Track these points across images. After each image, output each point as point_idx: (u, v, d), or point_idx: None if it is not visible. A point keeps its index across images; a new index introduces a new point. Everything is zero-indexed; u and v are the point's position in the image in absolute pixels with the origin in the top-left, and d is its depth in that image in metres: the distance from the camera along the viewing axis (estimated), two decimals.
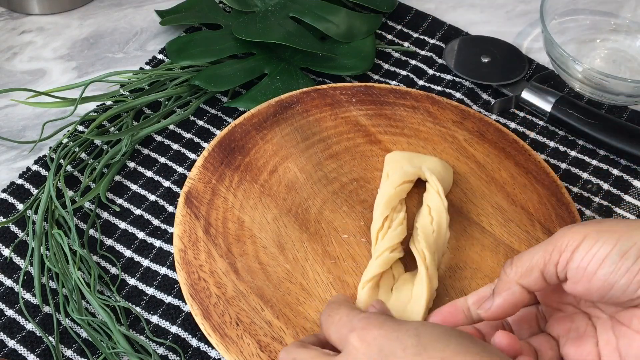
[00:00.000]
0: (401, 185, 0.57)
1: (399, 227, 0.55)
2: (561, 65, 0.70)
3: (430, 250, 0.53)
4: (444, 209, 0.56)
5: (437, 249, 0.54)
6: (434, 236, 0.54)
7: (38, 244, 0.59)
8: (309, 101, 0.67)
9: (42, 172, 0.64)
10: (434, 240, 0.54)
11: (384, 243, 0.54)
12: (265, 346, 0.52)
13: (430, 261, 0.52)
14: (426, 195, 0.58)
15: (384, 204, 0.56)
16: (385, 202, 0.56)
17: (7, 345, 0.55)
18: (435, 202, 0.56)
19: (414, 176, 0.58)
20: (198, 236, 0.57)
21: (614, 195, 0.65)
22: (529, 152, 0.64)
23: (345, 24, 0.76)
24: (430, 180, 0.58)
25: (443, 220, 0.55)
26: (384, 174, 0.59)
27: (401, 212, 0.56)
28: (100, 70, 0.74)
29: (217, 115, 0.70)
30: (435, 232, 0.54)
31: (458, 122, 0.66)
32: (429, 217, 0.55)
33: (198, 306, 0.53)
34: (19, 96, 0.70)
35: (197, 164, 0.61)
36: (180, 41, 0.74)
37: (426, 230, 0.54)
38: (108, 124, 0.68)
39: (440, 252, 0.54)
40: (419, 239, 0.54)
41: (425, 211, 0.56)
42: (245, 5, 0.77)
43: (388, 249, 0.53)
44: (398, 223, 0.55)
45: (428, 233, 0.54)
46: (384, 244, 0.54)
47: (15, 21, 0.79)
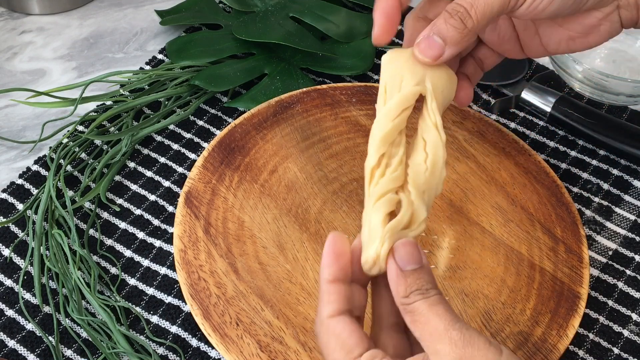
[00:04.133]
0: (400, 116, 0.48)
1: (400, 168, 0.47)
2: (561, 65, 0.70)
3: (419, 189, 0.46)
4: (441, 145, 0.47)
5: (427, 187, 0.47)
6: (425, 175, 0.47)
7: (38, 244, 0.59)
8: (309, 101, 0.67)
9: (42, 172, 0.64)
10: (424, 180, 0.46)
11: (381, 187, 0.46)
12: (265, 346, 0.52)
13: (416, 196, 0.46)
14: (422, 124, 0.48)
15: (380, 139, 0.47)
16: (381, 138, 0.47)
17: (7, 345, 0.55)
18: (432, 136, 0.48)
19: (414, 97, 0.48)
20: (198, 236, 0.57)
21: (614, 195, 0.65)
22: (529, 152, 0.64)
23: (345, 24, 0.76)
24: (430, 107, 0.48)
25: (439, 159, 0.47)
26: (381, 85, 0.50)
27: (400, 147, 0.48)
28: (100, 70, 0.74)
29: (217, 115, 0.70)
30: (428, 171, 0.47)
31: (458, 122, 0.66)
32: (423, 154, 0.47)
33: (198, 306, 0.53)
34: (19, 96, 0.70)
35: (197, 164, 0.61)
36: (180, 41, 0.74)
37: (417, 169, 0.47)
38: (108, 124, 0.68)
39: (432, 192, 0.47)
40: (408, 179, 0.46)
41: (420, 145, 0.48)
42: (245, 5, 0.77)
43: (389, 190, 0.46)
44: (398, 162, 0.47)
45: (419, 172, 0.47)
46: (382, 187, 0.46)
47: (15, 21, 0.79)
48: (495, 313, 0.55)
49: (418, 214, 0.45)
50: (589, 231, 0.62)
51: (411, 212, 0.45)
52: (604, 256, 0.61)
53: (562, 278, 0.56)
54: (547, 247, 0.58)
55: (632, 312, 0.58)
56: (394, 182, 0.46)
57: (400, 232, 0.44)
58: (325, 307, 0.42)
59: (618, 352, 0.56)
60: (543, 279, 0.56)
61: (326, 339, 0.41)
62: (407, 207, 0.45)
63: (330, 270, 0.42)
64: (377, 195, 0.46)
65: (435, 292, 0.41)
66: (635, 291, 0.59)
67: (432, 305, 0.40)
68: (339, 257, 0.43)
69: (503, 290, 0.56)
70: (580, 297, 0.55)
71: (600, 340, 0.56)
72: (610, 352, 0.56)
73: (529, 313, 0.55)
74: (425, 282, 0.41)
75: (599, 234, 0.62)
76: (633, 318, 0.58)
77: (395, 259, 0.42)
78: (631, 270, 0.60)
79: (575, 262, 0.57)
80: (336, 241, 0.43)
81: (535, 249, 0.58)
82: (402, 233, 0.44)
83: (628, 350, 0.56)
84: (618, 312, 0.58)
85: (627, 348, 0.56)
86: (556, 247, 0.58)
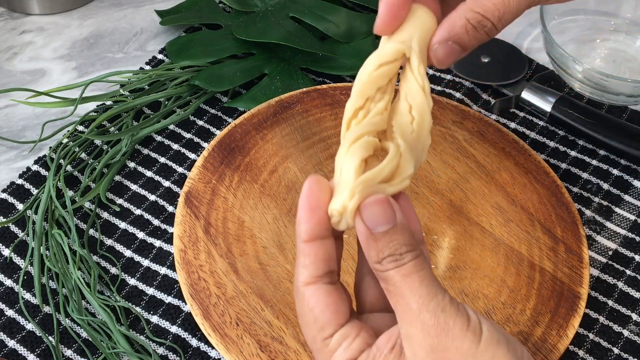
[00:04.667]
0: (377, 70, 0.43)
1: (377, 117, 0.42)
2: (561, 65, 0.70)
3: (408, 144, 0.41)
4: (428, 109, 0.43)
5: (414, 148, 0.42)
6: (412, 136, 0.42)
7: (38, 244, 0.59)
8: (309, 101, 0.67)
9: (42, 172, 0.64)
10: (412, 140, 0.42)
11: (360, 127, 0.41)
12: (265, 346, 0.52)
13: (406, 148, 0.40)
14: (405, 86, 0.43)
15: (356, 92, 0.43)
16: (357, 91, 0.43)
17: (7, 345, 0.55)
18: (418, 99, 0.43)
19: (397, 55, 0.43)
20: (198, 236, 0.57)
21: (614, 195, 0.65)
22: (529, 152, 0.64)
23: (345, 24, 0.75)
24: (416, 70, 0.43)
25: (425, 123, 0.42)
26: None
27: (381, 102, 0.43)
28: (100, 70, 0.74)
29: (217, 115, 0.70)
30: (415, 133, 0.42)
31: (458, 122, 0.66)
32: (408, 116, 0.43)
33: (198, 306, 0.53)
34: (19, 96, 0.70)
35: (197, 164, 0.61)
36: (180, 41, 0.74)
37: (404, 128, 0.42)
38: (108, 124, 0.68)
39: (417, 159, 0.42)
40: (395, 135, 0.41)
41: (404, 108, 0.43)
42: (245, 5, 0.77)
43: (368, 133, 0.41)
44: (376, 112, 0.42)
45: (406, 131, 0.42)
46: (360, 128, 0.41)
47: (15, 21, 0.79)
48: (495, 313, 0.55)
49: (404, 167, 0.40)
50: (589, 231, 0.62)
51: (396, 164, 0.39)
52: (604, 256, 0.61)
53: (562, 278, 0.56)
54: (547, 247, 0.58)
55: (632, 312, 0.58)
56: (374, 126, 0.41)
57: (377, 186, 0.38)
58: (301, 271, 0.38)
59: (618, 352, 0.56)
60: (543, 279, 0.56)
61: (300, 309, 0.38)
62: (393, 156, 0.39)
63: (305, 227, 0.38)
64: (353, 137, 0.40)
65: (411, 256, 0.37)
66: (635, 291, 0.59)
67: (406, 275, 0.36)
68: (315, 210, 0.38)
69: (503, 290, 0.56)
70: (580, 297, 0.55)
71: (600, 340, 0.56)
72: (610, 352, 0.56)
73: (529, 313, 0.55)
74: (398, 245, 0.36)
75: (599, 234, 0.62)
76: (633, 318, 0.58)
77: (363, 219, 0.37)
78: (631, 270, 0.60)
79: (575, 262, 0.57)
80: (312, 191, 0.38)
81: (535, 249, 0.58)
82: (378, 187, 0.39)
83: (628, 350, 0.56)
84: (618, 312, 0.58)
85: (627, 348, 0.56)
86: (556, 247, 0.58)
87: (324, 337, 0.38)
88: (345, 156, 0.39)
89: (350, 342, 0.38)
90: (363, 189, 0.37)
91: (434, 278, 0.37)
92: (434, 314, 0.35)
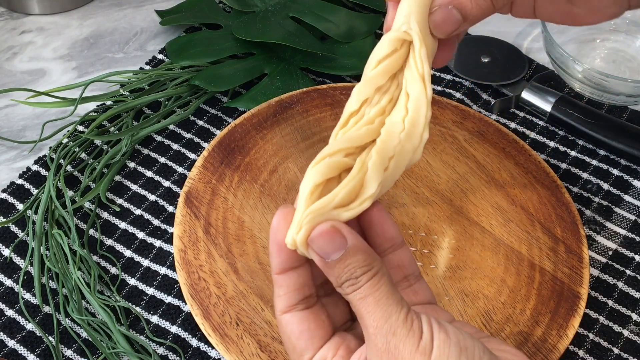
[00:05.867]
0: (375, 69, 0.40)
1: (363, 129, 0.39)
2: (561, 65, 0.70)
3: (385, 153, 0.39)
4: (425, 102, 0.39)
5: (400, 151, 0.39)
6: (400, 137, 0.39)
7: (38, 244, 0.59)
8: (309, 101, 0.67)
9: (42, 172, 0.64)
10: (397, 142, 0.39)
11: (334, 144, 0.39)
12: (265, 346, 0.52)
13: (375, 163, 0.38)
14: (408, 74, 0.40)
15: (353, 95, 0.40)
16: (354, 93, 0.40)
17: (7, 345, 0.55)
18: (416, 89, 0.39)
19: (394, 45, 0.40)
20: (198, 236, 0.57)
21: (614, 195, 0.65)
22: (529, 152, 0.64)
23: (345, 24, 0.75)
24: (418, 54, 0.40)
25: (421, 118, 0.39)
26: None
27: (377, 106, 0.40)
28: (100, 70, 0.74)
29: (217, 115, 0.70)
30: (404, 132, 0.39)
31: (458, 122, 0.66)
32: (402, 111, 0.39)
33: (198, 306, 0.53)
34: (19, 96, 0.70)
35: (197, 164, 0.61)
36: (180, 41, 0.74)
37: (392, 128, 0.39)
38: (108, 124, 0.68)
39: (405, 157, 0.39)
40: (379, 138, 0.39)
41: (402, 100, 0.40)
42: (245, 5, 0.77)
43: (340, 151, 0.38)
44: (367, 121, 0.39)
45: (393, 132, 0.39)
46: (334, 145, 0.38)
47: (15, 21, 0.79)
48: (495, 313, 0.55)
49: (367, 187, 0.38)
50: (589, 231, 0.62)
51: (357, 184, 0.38)
52: (604, 256, 0.61)
53: (562, 278, 0.56)
54: (547, 247, 0.58)
55: (632, 312, 0.58)
56: (349, 141, 0.39)
57: (330, 213, 0.37)
58: (277, 302, 0.39)
59: (618, 352, 0.56)
60: (543, 279, 0.56)
61: (282, 335, 0.39)
62: (352, 178, 0.38)
63: (275, 261, 0.38)
64: (319, 157, 0.38)
65: (367, 277, 0.36)
66: (635, 291, 0.59)
67: (362, 298, 0.36)
68: (281, 246, 0.38)
69: (503, 290, 0.56)
70: (580, 297, 0.55)
71: (600, 340, 0.56)
72: (610, 352, 0.56)
73: (529, 313, 0.55)
74: (353, 268, 0.36)
75: (599, 234, 0.62)
76: (633, 318, 0.58)
77: (314, 251, 0.37)
78: (631, 270, 0.60)
79: (575, 262, 0.57)
80: (279, 226, 0.38)
81: (535, 249, 0.58)
82: (332, 213, 0.37)
83: (628, 350, 0.56)
84: (618, 312, 0.58)
85: (627, 348, 0.56)
86: (556, 247, 0.58)
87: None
88: (304, 179, 0.38)
89: None
90: (312, 219, 0.37)
91: (391, 295, 0.37)
92: (385, 339, 0.36)
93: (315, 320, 0.39)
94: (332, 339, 0.39)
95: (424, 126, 0.39)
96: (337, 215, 0.37)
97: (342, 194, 0.37)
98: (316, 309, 0.39)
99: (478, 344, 0.37)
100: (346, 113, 0.40)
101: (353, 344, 0.39)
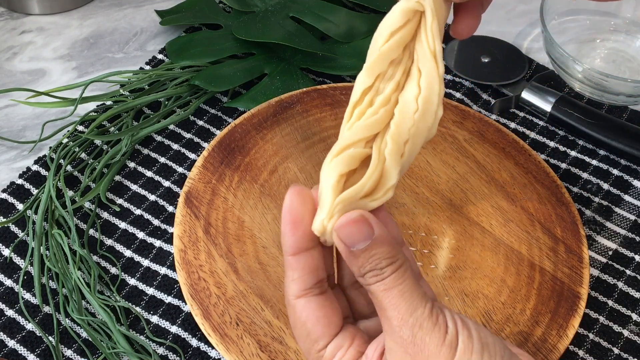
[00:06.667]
0: (387, 43, 0.39)
1: (381, 111, 0.38)
2: (561, 65, 0.70)
3: (400, 138, 0.38)
4: (437, 78, 0.38)
5: (415, 133, 0.38)
6: (414, 117, 0.38)
7: (38, 244, 0.59)
8: (309, 101, 0.67)
9: (42, 172, 0.64)
10: (412, 123, 0.38)
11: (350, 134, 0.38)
12: (265, 346, 0.52)
13: (391, 151, 0.38)
14: (419, 49, 0.39)
15: (365, 70, 0.39)
16: (367, 68, 0.39)
17: (7, 345, 0.55)
18: (428, 66, 0.38)
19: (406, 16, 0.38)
20: (198, 236, 0.57)
21: (614, 195, 0.65)
22: (529, 152, 0.64)
23: (345, 24, 0.75)
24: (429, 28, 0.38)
25: (434, 95, 0.38)
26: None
27: (391, 81, 0.39)
28: (100, 70, 0.74)
29: (217, 115, 0.70)
30: (418, 112, 0.38)
31: (458, 122, 0.66)
32: (415, 89, 0.38)
33: (198, 306, 0.53)
34: (19, 96, 0.70)
35: (197, 164, 0.61)
36: (180, 41, 0.74)
37: (406, 109, 0.38)
38: (108, 124, 0.68)
39: (421, 138, 0.39)
40: (392, 121, 0.38)
41: (414, 77, 0.39)
42: (245, 5, 0.77)
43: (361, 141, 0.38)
44: (383, 102, 0.38)
45: (407, 112, 0.38)
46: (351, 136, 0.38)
47: (15, 21, 0.79)
48: (495, 313, 0.55)
49: (387, 177, 0.38)
50: (589, 231, 0.62)
51: (379, 175, 0.38)
52: (604, 256, 0.61)
53: (562, 278, 0.56)
54: (547, 247, 0.58)
55: (632, 312, 0.58)
56: (370, 129, 0.38)
57: (358, 202, 0.37)
58: (290, 285, 0.38)
59: (618, 352, 0.56)
60: (543, 279, 0.56)
61: (293, 322, 0.39)
62: (374, 168, 0.38)
63: (289, 241, 0.37)
64: (338, 148, 0.38)
65: (392, 269, 0.36)
66: (635, 291, 0.59)
67: (387, 290, 0.36)
68: (297, 224, 0.37)
69: (503, 290, 0.56)
70: (580, 297, 0.55)
71: (600, 340, 0.56)
72: (610, 352, 0.56)
73: (529, 313, 0.55)
74: (378, 259, 0.36)
75: (599, 234, 0.62)
76: (633, 318, 0.58)
77: (340, 239, 0.36)
78: (631, 270, 0.60)
79: (575, 262, 0.57)
80: (293, 204, 0.37)
81: (535, 249, 0.58)
82: (359, 203, 0.38)
83: (628, 350, 0.56)
84: (618, 312, 0.58)
85: (627, 348, 0.56)
86: (556, 247, 0.58)
87: (318, 349, 0.38)
88: (326, 169, 0.38)
89: (343, 353, 0.38)
90: (342, 209, 0.37)
91: (415, 288, 0.37)
92: (411, 331, 0.35)
93: (331, 307, 0.38)
94: (346, 328, 0.38)
95: (437, 104, 0.38)
96: (365, 205, 0.37)
97: (367, 185, 0.37)
98: (330, 295, 0.39)
99: (499, 341, 0.37)
100: (359, 90, 0.39)
101: (366, 336, 0.39)
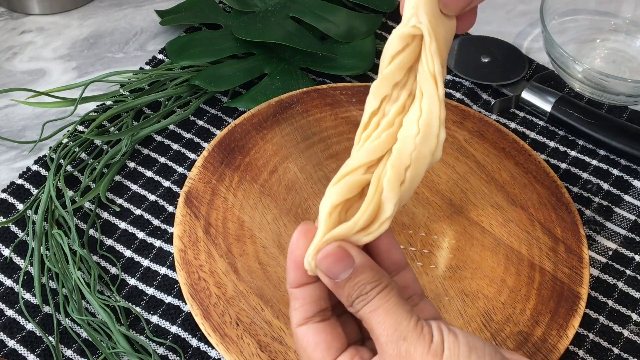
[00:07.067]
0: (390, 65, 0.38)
1: (384, 134, 0.38)
2: (561, 65, 0.70)
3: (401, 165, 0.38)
4: (437, 101, 0.38)
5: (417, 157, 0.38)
6: (415, 141, 0.37)
7: (38, 244, 0.59)
8: (309, 101, 0.67)
9: (42, 172, 0.64)
10: (413, 147, 0.38)
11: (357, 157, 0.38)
12: (265, 346, 0.52)
13: (390, 180, 0.37)
14: (421, 70, 0.38)
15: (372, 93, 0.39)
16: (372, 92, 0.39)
17: (7, 345, 0.55)
18: (429, 88, 0.38)
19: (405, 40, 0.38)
20: (198, 236, 0.57)
21: (614, 195, 0.65)
22: (529, 152, 0.64)
23: (345, 24, 0.75)
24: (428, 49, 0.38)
25: (434, 119, 0.37)
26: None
27: (396, 104, 0.39)
28: (100, 70, 0.74)
29: (217, 115, 0.70)
30: (419, 136, 0.37)
31: (458, 122, 0.66)
32: (417, 111, 0.38)
33: (198, 306, 0.53)
34: (19, 96, 0.70)
35: (197, 164, 0.61)
36: (180, 41, 0.74)
37: (408, 132, 0.38)
38: (108, 124, 0.68)
39: (424, 163, 0.38)
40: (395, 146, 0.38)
41: (417, 99, 0.38)
42: (245, 5, 0.77)
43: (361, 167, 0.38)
44: (386, 125, 0.38)
45: (409, 137, 0.38)
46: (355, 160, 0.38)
47: (15, 21, 0.79)
48: (495, 313, 0.55)
49: (384, 209, 0.38)
50: (589, 231, 0.62)
51: (375, 207, 0.38)
52: (604, 256, 0.61)
53: (562, 278, 0.56)
54: (547, 247, 0.58)
55: (632, 312, 0.58)
56: (371, 153, 0.38)
57: (351, 238, 0.38)
58: (293, 314, 0.40)
59: (618, 352, 0.56)
60: (543, 279, 0.56)
61: (297, 349, 0.41)
62: (369, 202, 0.37)
63: (291, 276, 0.40)
64: (340, 174, 0.38)
65: (376, 291, 0.38)
66: (635, 291, 0.59)
67: (373, 311, 0.37)
68: (298, 264, 0.39)
69: (503, 290, 0.56)
70: (580, 297, 0.55)
71: (600, 340, 0.56)
72: (610, 352, 0.56)
73: (529, 313, 0.55)
74: (362, 285, 0.38)
75: (599, 234, 0.62)
76: (633, 318, 0.58)
77: (323, 273, 0.38)
78: (631, 270, 0.60)
79: (575, 262, 0.57)
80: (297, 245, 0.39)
81: (535, 249, 0.58)
82: (352, 239, 0.38)
83: (628, 350, 0.56)
84: (618, 312, 0.58)
85: (627, 348, 0.56)
86: (556, 247, 0.58)
87: None
88: (325, 197, 0.38)
89: None
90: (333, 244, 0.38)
91: (401, 305, 0.38)
92: (396, 345, 0.37)
93: (332, 333, 0.40)
94: (347, 350, 0.40)
95: (438, 127, 0.38)
96: (358, 240, 0.38)
97: (363, 219, 0.38)
98: (332, 322, 0.40)
99: (489, 345, 0.38)
100: (367, 113, 0.39)
101: (367, 356, 0.40)
